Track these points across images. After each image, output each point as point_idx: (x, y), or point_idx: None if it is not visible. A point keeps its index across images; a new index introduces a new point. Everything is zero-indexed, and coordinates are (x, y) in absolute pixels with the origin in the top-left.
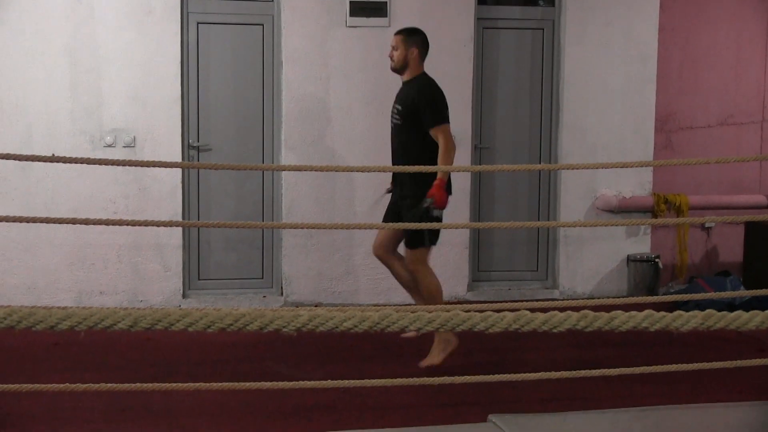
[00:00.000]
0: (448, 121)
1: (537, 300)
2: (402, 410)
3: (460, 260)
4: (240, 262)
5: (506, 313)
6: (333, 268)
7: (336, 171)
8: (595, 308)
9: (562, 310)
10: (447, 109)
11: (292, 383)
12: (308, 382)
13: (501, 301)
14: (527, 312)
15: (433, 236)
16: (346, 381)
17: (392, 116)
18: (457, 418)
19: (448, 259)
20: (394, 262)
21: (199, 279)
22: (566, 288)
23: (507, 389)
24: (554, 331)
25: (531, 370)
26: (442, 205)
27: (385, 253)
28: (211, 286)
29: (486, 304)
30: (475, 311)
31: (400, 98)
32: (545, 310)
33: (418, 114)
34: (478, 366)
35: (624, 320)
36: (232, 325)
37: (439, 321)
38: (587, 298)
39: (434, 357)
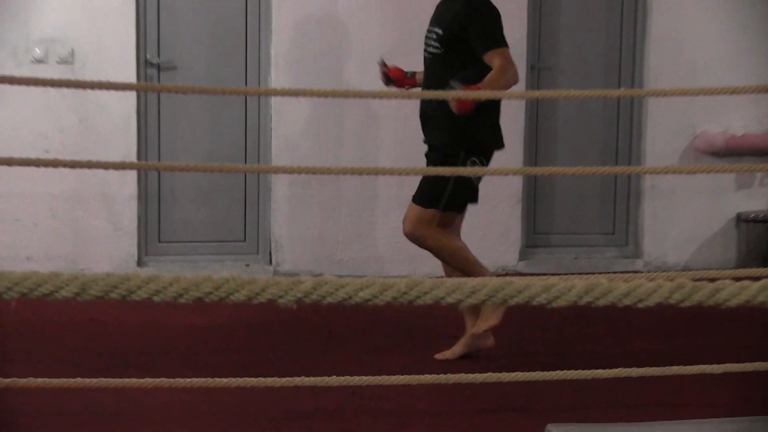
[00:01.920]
0: (506, 44)
1: (613, 273)
2: (428, 417)
3: (510, 219)
4: (215, 219)
5: (575, 281)
6: (340, 229)
7: (345, 97)
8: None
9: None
10: (502, 28)
11: (285, 380)
12: (307, 379)
13: (564, 274)
14: (604, 281)
15: (457, 198)
16: (357, 378)
17: (427, 44)
18: (503, 428)
19: (494, 218)
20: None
21: (159, 241)
22: (652, 257)
23: (570, 391)
24: (639, 305)
25: (602, 366)
26: (463, 110)
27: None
28: (176, 251)
29: (544, 278)
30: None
31: (439, 19)
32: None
33: (465, 38)
34: (531, 360)
35: (734, 292)
36: (211, 293)
37: (487, 290)
38: (681, 270)
39: (455, 348)
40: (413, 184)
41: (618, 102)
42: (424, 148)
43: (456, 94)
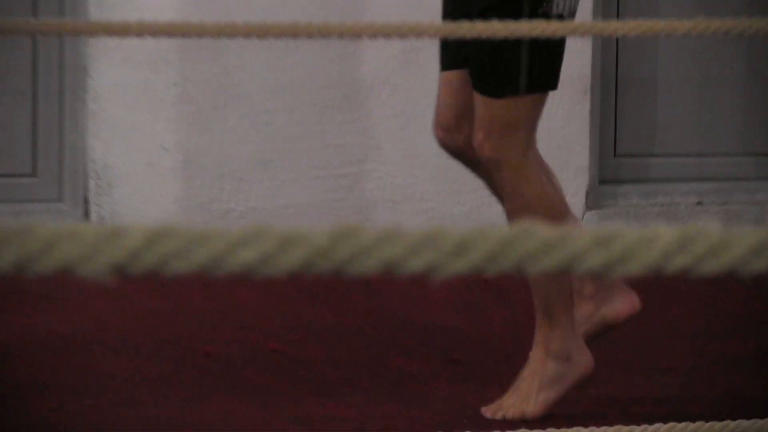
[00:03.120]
0: None
1: None
2: None
3: (570, 131)
4: None
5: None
6: (226, 155)
7: None
8: None
9: None
10: None
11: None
12: None
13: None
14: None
15: (548, 66)
16: None
17: None
18: None
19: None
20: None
21: None
22: None
23: None
24: None
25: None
26: None
27: (465, 131)
28: None
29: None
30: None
31: None
32: None
33: None
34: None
35: None
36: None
37: (569, 250)
38: None
39: (529, 399)
40: None
41: None
42: None
43: None
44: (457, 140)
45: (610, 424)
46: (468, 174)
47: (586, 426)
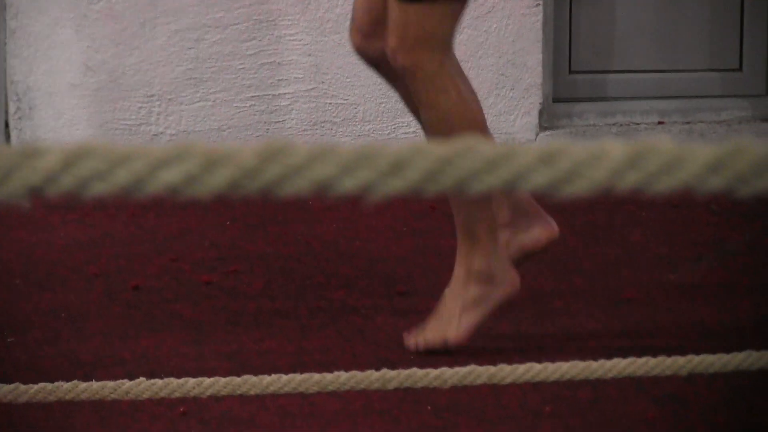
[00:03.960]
0: None
1: None
2: None
3: (521, 45)
4: None
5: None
6: (162, 79)
7: None
8: None
9: None
10: None
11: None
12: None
13: None
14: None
15: None
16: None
17: None
18: None
19: (487, 43)
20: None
21: None
22: None
23: None
24: None
25: None
26: None
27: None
28: None
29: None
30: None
31: None
32: None
33: None
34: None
35: None
36: None
37: (513, 168)
38: None
39: (451, 322)
40: None
41: None
42: None
43: None
44: (375, 47)
45: (566, 360)
46: None
47: (539, 362)
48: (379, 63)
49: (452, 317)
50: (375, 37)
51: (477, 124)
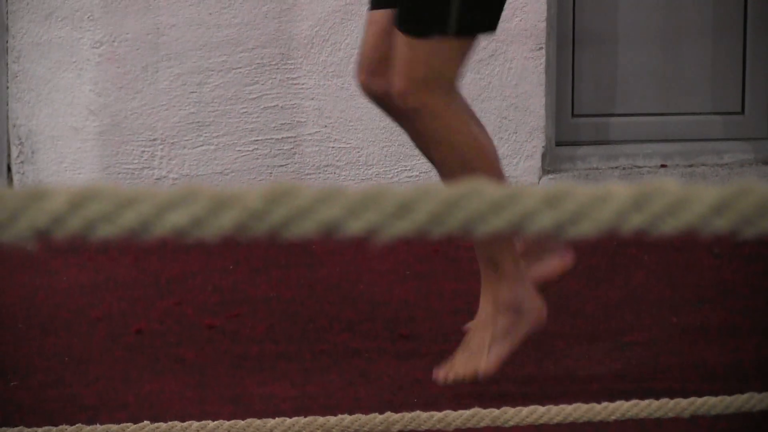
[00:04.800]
0: None
1: None
2: None
3: (524, 90)
4: None
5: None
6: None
7: None
8: None
9: None
10: None
11: None
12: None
13: None
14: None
15: (483, 4)
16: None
17: None
18: None
19: (491, 87)
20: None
21: None
22: None
23: None
24: None
25: None
26: None
27: (386, 74)
28: None
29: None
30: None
31: None
32: None
33: None
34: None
35: None
36: None
37: (519, 210)
38: None
39: (481, 354)
40: None
41: None
42: None
43: None
44: (381, 85)
45: (569, 402)
46: None
47: (542, 404)
48: (385, 101)
49: (482, 349)
50: (381, 75)
51: (489, 160)
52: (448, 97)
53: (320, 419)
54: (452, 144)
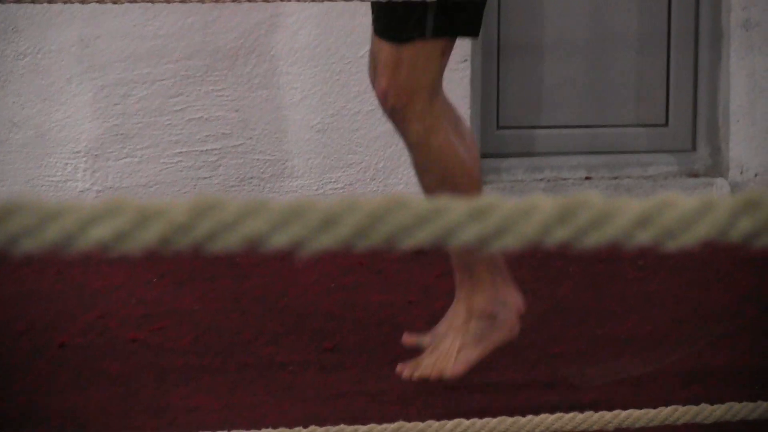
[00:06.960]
0: None
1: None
2: None
3: (454, 102)
4: None
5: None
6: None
7: None
8: None
9: None
10: None
11: None
12: None
13: None
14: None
15: (456, 10)
16: None
17: None
18: None
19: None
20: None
21: None
22: (746, 171)
23: None
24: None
25: None
26: None
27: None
28: None
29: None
30: None
31: None
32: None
33: None
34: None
35: None
36: None
37: (443, 223)
38: None
39: (450, 357)
40: None
41: None
42: None
43: None
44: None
45: (494, 415)
46: (341, 149)
47: (467, 418)
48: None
49: (451, 352)
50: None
51: (467, 165)
52: (430, 98)
53: None
54: (431, 146)
